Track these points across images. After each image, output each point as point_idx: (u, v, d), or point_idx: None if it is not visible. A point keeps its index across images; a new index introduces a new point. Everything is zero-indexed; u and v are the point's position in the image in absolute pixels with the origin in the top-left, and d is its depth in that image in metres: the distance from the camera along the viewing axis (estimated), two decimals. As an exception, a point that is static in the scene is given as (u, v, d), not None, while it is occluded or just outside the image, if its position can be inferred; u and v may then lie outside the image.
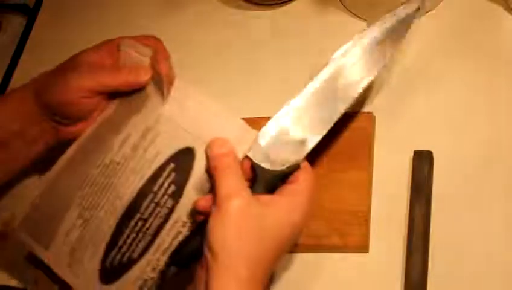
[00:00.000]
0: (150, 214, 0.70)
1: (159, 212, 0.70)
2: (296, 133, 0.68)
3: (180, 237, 0.69)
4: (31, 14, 1.07)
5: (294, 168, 0.66)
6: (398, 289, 0.72)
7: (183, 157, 0.69)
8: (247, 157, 0.67)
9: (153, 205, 0.70)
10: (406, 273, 0.71)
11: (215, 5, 0.97)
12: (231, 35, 0.94)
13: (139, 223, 0.70)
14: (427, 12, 0.87)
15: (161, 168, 0.70)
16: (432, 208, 0.74)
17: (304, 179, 0.66)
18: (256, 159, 0.66)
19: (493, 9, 0.85)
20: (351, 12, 0.90)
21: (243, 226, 0.62)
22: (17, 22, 1.08)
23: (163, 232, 0.70)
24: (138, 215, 0.70)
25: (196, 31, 0.96)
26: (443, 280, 0.71)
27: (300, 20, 0.93)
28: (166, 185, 0.70)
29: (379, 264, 0.74)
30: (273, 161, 0.66)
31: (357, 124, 0.80)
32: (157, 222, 0.70)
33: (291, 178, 0.66)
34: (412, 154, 0.77)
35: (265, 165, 0.66)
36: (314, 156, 0.79)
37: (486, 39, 0.84)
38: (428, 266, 0.71)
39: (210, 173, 0.66)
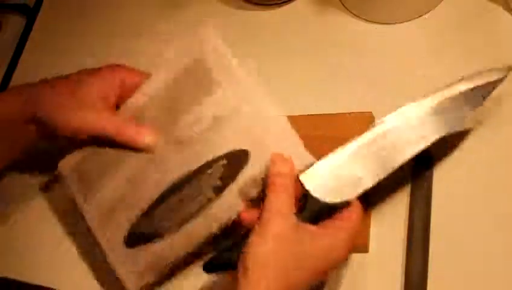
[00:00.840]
0: (190, 198, 0.71)
1: (199, 200, 0.71)
2: (355, 170, 0.68)
3: (208, 233, 0.70)
4: (31, 14, 1.07)
5: (345, 204, 0.66)
6: (398, 289, 0.72)
7: (238, 158, 0.70)
8: (299, 180, 0.66)
9: (196, 191, 0.71)
10: (406, 273, 0.71)
11: (215, 5, 0.97)
12: (231, 35, 0.94)
13: (177, 203, 0.71)
14: (427, 12, 0.87)
15: (215, 160, 0.71)
16: (432, 208, 0.74)
17: (352, 218, 0.65)
18: (309, 186, 0.66)
19: (493, 9, 0.85)
20: (351, 12, 0.90)
21: (280, 250, 0.62)
22: (17, 22, 1.08)
23: (194, 221, 0.71)
24: (179, 196, 0.71)
25: (196, 31, 0.96)
26: (443, 280, 0.71)
27: (300, 20, 0.93)
28: (214, 177, 0.70)
29: (379, 264, 0.74)
30: (326, 192, 0.66)
31: (357, 124, 0.80)
32: (193, 207, 0.71)
33: (340, 214, 0.66)
34: (412, 154, 0.77)
35: (318, 195, 0.66)
36: (313, 155, 0.80)
37: (486, 39, 0.84)
38: (428, 266, 0.71)
39: (265, 186, 0.66)
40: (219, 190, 0.70)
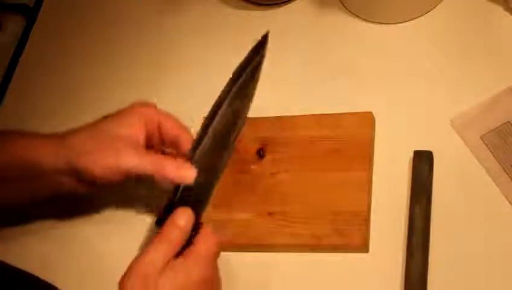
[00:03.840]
0: None
1: None
2: None
3: None
4: (31, 14, 1.07)
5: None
6: (398, 289, 0.72)
7: None
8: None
9: None
10: (406, 273, 0.71)
11: (215, 5, 0.97)
12: (231, 35, 0.95)
13: None
14: (427, 12, 0.87)
15: None
16: (432, 208, 0.74)
17: (200, 241, 0.68)
18: None
19: (493, 9, 0.85)
20: (351, 12, 0.90)
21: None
22: (17, 22, 1.08)
23: None
24: None
25: (196, 31, 0.96)
26: (443, 280, 0.71)
27: (300, 20, 0.93)
28: None
29: (379, 264, 0.74)
30: None
31: (357, 124, 0.80)
32: None
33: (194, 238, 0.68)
34: (412, 154, 0.77)
35: None
36: (313, 155, 0.80)
37: (486, 39, 0.84)
38: (428, 266, 0.71)
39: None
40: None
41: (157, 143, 0.76)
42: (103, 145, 0.73)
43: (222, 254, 0.78)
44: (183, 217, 0.67)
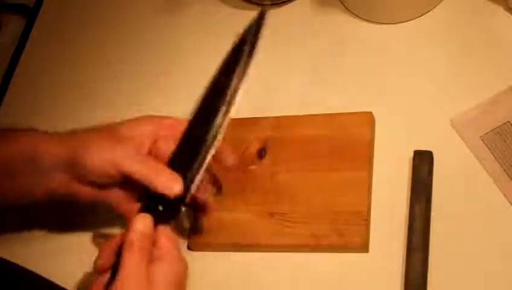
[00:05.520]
0: None
1: None
2: None
3: None
4: (30, 14, 1.07)
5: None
6: (398, 289, 0.72)
7: None
8: None
9: None
10: (406, 273, 0.71)
11: (215, 5, 0.97)
12: (231, 35, 0.94)
13: None
14: (427, 12, 0.87)
15: None
16: (432, 208, 0.74)
17: (161, 244, 0.67)
18: None
19: (493, 9, 0.85)
20: (351, 12, 0.90)
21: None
22: (17, 22, 1.08)
23: None
24: None
25: (196, 30, 0.96)
26: (443, 280, 0.71)
27: (300, 20, 0.93)
28: None
29: (379, 264, 0.74)
30: None
31: (357, 124, 0.80)
32: None
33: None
34: (412, 154, 0.77)
35: None
36: (313, 155, 0.80)
37: (487, 39, 0.84)
38: (428, 266, 0.71)
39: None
40: None
41: (168, 150, 0.74)
42: (103, 140, 0.73)
43: (222, 254, 0.78)
44: (141, 221, 0.67)
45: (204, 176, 0.70)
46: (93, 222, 0.84)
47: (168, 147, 0.72)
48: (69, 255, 0.83)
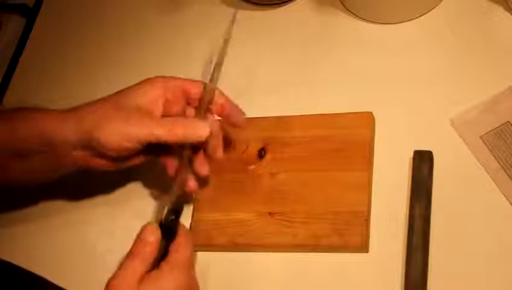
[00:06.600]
0: None
1: None
2: None
3: None
4: (30, 14, 1.07)
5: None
6: (398, 289, 0.72)
7: None
8: None
9: None
10: (406, 273, 0.71)
11: (215, 5, 0.97)
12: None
13: None
14: (427, 12, 0.87)
15: None
16: (432, 208, 0.74)
17: (179, 248, 0.69)
18: None
19: (493, 9, 0.85)
20: (351, 12, 0.90)
21: None
22: (17, 22, 1.08)
23: None
24: None
25: (196, 30, 0.96)
26: (443, 280, 0.71)
27: (300, 20, 0.93)
28: None
29: (379, 264, 0.74)
30: None
31: (357, 124, 0.80)
32: None
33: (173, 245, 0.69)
34: (412, 154, 0.77)
35: None
36: (313, 155, 0.80)
37: (486, 39, 0.84)
38: (428, 266, 0.71)
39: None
40: None
41: (180, 109, 0.76)
42: (113, 114, 0.73)
43: (222, 254, 0.78)
44: (151, 234, 0.68)
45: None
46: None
47: (180, 106, 0.75)
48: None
